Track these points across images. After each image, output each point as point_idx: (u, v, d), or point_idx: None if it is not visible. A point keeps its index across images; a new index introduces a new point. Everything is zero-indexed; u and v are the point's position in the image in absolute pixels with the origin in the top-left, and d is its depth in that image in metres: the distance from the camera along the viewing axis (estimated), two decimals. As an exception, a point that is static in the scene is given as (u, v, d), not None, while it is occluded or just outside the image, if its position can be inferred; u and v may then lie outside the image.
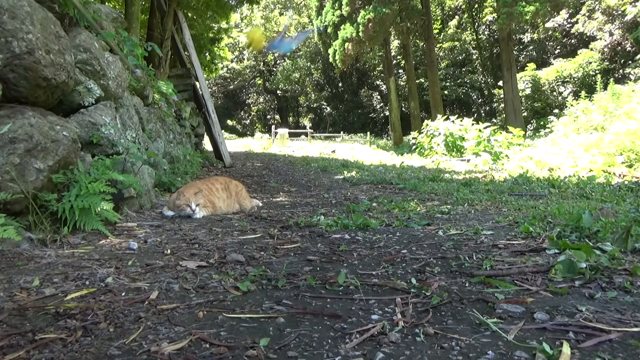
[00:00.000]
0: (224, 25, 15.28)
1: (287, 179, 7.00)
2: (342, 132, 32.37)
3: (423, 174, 6.84)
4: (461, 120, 11.96)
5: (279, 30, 39.17)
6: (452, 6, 31.55)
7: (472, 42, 30.20)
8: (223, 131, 10.54)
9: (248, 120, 46.41)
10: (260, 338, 1.24)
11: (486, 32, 29.79)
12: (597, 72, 19.80)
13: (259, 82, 44.14)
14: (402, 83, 30.32)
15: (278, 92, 41.81)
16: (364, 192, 5.07)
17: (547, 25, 23.67)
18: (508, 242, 2.39)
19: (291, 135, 26.37)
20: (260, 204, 4.24)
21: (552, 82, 21.68)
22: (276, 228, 2.97)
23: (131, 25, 6.74)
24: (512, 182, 5.44)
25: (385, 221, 3.07)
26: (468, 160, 9.54)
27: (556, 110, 17.75)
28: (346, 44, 21.30)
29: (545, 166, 6.95)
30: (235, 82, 43.17)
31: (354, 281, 1.74)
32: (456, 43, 30.36)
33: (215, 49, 15.55)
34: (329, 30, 22.90)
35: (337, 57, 22.19)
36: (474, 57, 30.21)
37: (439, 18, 31.23)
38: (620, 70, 20.62)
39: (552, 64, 22.80)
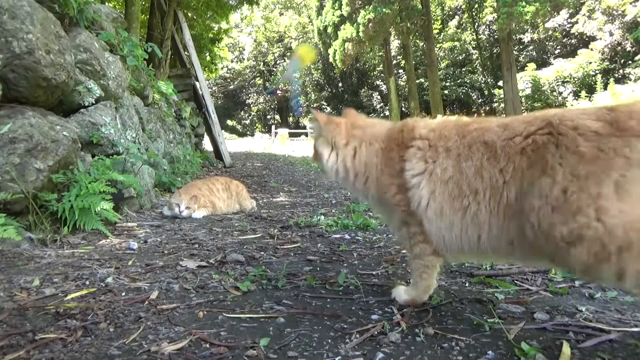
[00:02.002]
0: (224, 25, 15.28)
1: (287, 179, 7.00)
2: (342, 132, 32.25)
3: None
4: (461, 120, 11.95)
5: (279, 31, 39.19)
6: (452, 6, 31.55)
7: (472, 42, 30.19)
8: (223, 131, 10.54)
9: (248, 120, 46.40)
10: (261, 338, 1.24)
11: (486, 32, 29.79)
12: (597, 72, 19.80)
13: (259, 82, 44.14)
14: (402, 83, 30.31)
15: (278, 92, 41.79)
16: (364, 192, 5.07)
17: (547, 25, 23.66)
18: (508, 242, 2.39)
19: (291, 135, 26.36)
20: (254, 204, 4.13)
21: (552, 82, 21.68)
22: (276, 228, 2.97)
23: (131, 25, 6.73)
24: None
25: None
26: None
27: (556, 110, 17.73)
28: (346, 44, 21.30)
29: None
30: (235, 82, 43.18)
31: (354, 281, 1.74)
32: (456, 43, 30.35)
33: (216, 49, 15.55)
34: (329, 30, 22.90)
35: (337, 57, 22.19)
36: (474, 57, 30.20)
37: (439, 18, 31.22)
38: (620, 70, 20.61)
39: (552, 64, 22.79)
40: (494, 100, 26.27)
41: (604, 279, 1.05)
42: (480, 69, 29.93)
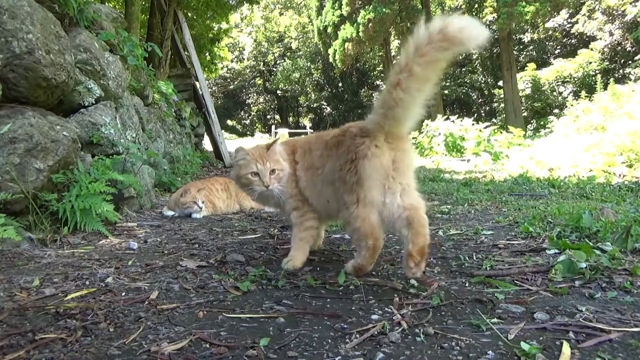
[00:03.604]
0: (224, 25, 15.27)
1: (287, 179, 6.99)
2: (342, 132, 32.21)
3: (423, 174, 6.84)
4: (461, 120, 11.93)
5: (279, 31, 39.15)
6: (452, 6, 31.54)
7: (472, 42, 30.10)
8: (223, 131, 10.53)
9: (248, 120, 46.37)
10: (261, 338, 1.24)
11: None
12: (597, 72, 19.76)
13: (259, 82, 44.10)
14: (402, 83, 30.22)
15: (278, 92, 41.78)
16: (364, 192, 5.06)
17: (547, 25, 23.63)
18: (508, 242, 2.39)
19: (291, 135, 26.37)
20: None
21: (552, 82, 21.65)
22: (276, 228, 2.97)
23: (131, 25, 6.74)
24: (512, 182, 5.44)
25: (385, 221, 3.07)
26: (468, 160, 9.51)
27: (556, 110, 17.71)
28: (346, 44, 21.29)
29: (545, 166, 6.93)
30: (235, 82, 43.14)
31: (354, 281, 1.74)
32: (456, 43, 30.28)
33: (216, 49, 15.55)
34: (329, 30, 22.90)
35: (337, 57, 22.18)
36: (474, 57, 30.17)
37: (439, 18, 31.19)
38: (620, 70, 20.59)
39: (552, 64, 22.76)
40: (494, 100, 26.26)
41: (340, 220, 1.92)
42: (480, 69, 29.90)
